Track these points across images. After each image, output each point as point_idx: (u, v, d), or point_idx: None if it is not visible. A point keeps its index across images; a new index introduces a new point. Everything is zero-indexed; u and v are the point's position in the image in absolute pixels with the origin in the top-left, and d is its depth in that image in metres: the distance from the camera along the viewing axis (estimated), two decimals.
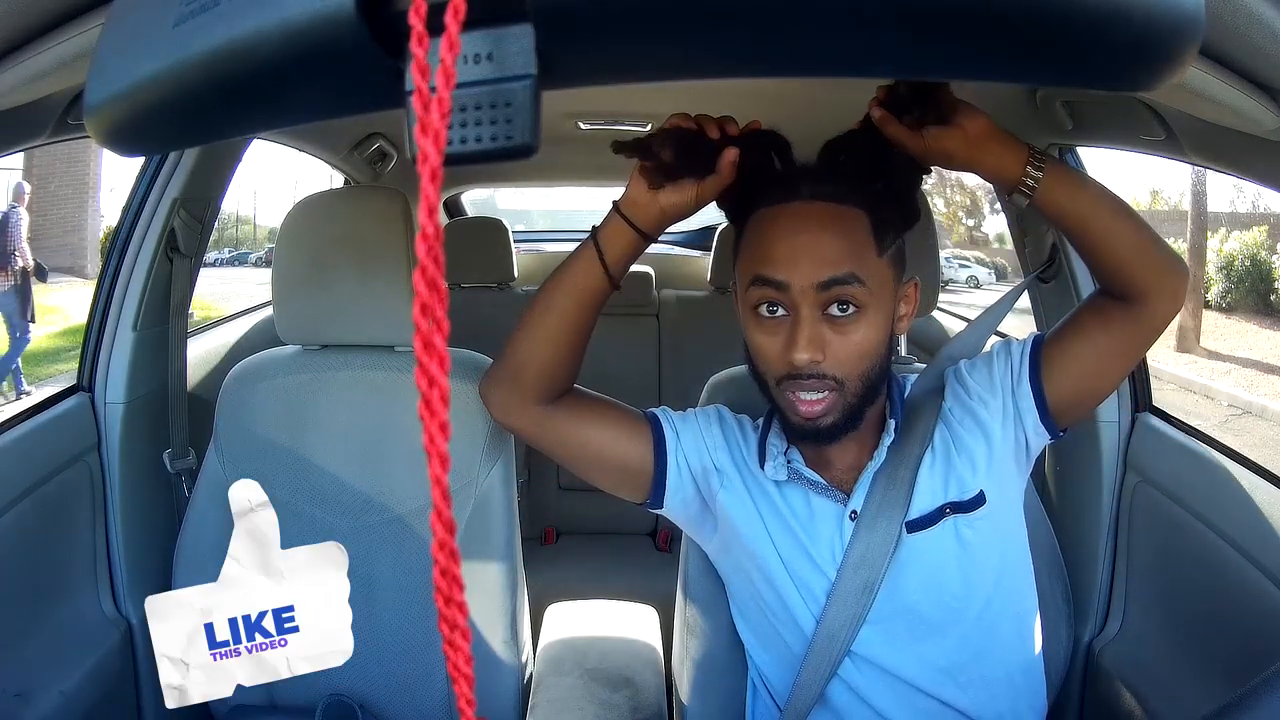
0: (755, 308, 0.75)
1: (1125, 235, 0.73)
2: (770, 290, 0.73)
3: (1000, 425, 0.80)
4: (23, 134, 0.78)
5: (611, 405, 0.87)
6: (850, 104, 0.75)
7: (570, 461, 0.87)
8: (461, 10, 0.23)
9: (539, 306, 0.82)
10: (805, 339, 0.72)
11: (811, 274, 0.72)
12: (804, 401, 0.74)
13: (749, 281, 0.75)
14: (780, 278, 0.72)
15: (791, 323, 0.73)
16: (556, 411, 0.84)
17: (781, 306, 0.74)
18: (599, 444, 0.85)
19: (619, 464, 0.85)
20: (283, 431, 1.02)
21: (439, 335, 0.23)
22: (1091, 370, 0.79)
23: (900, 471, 0.79)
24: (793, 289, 0.72)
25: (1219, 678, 0.90)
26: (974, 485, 0.79)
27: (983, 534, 0.79)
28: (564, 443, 0.85)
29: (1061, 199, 0.73)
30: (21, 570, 0.97)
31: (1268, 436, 5.22)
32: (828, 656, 0.79)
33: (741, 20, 0.27)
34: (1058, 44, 0.28)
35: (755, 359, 0.77)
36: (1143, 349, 0.80)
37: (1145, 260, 0.74)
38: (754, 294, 0.74)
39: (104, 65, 0.34)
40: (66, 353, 5.54)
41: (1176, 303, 0.76)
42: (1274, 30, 0.54)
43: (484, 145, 0.27)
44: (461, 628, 0.25)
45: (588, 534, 1.96)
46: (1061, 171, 0.73)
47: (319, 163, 1.78)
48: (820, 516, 0.81)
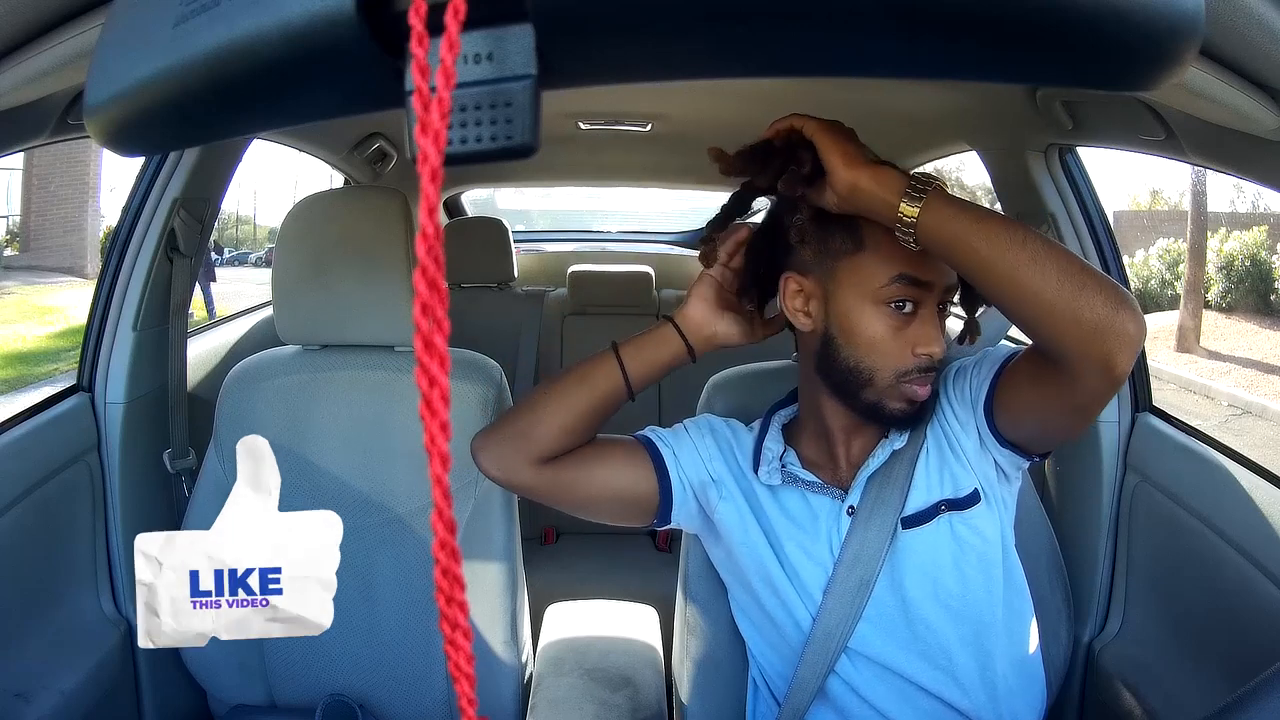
0: (888, 302, 0.75)
1: (1035, 287, 0.63)
2: (914, 289, 0.75)
3: (975, 442, 0.79)
4: (23, 134, 0.78)
5: (606, 443, 0.86)
6: (851, 104, 0.75)
7: (577, 509, 0.86)
8: (461, 10, 0.23)
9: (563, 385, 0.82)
10: (939, 334, 0.76)
11: (947, 275, 0.76)
12: (921, 390, 0.76)
13: (890, 278, 0.74)
14: (929, 279, 0.75)
15: (923, 319, 0.76)
16: (558, 468, 0.82)
17: (911, 303, 0.75)
18: (603, 487, 0.84)
19: (625, 499, 0.85)
20: (283, 431, 1.02)
21: (439, 335, 0.23)
22: (1031, 420, 0.75)
23: (897, 468, 0.79)
24: (935, 288, 0.75)
25: (1219, 678, 0.90)
26: (968, 483, 0.79)
27: (978, 531, 0.79)
28: (571, 496, 0.84)
29: (944, 238, 0.66)
30: (21, 570, 0.97)
31: (1268, 436, 5.21)
32: (825, 652, 0.79)
33: (741, 20, 0.27)
34: (1057, 44, 0.28)
35: (870, 353, 0.76)
36: (1080, 414, 0.72)
37: (1064, 322, 0.63)
38: (894, 289, 0.75)
39: (104, 65, 0.34)
40: (66, 353, 5.54)
41: (1109, 377, 0.64)
42: (1274, 30, 0.54)
43: (484, 145, 0.27)
44: (463, 627, 0.25)
45: (588, 534, 1.96)
46: (944, 208, 0.66)
47: (319, 163, 1.78)
48: (818, 514, 0.81)
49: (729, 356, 0.96)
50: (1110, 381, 0.65)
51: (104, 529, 1.09)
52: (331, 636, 1.01)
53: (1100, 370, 0.64)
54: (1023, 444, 0.78)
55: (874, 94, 1.24)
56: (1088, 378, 0.65)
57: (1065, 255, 0.64)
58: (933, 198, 0.66)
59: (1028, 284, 0.64)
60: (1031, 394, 0.73)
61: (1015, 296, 0.65)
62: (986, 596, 0.79)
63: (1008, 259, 0.64)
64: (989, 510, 0.79)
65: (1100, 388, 0.66)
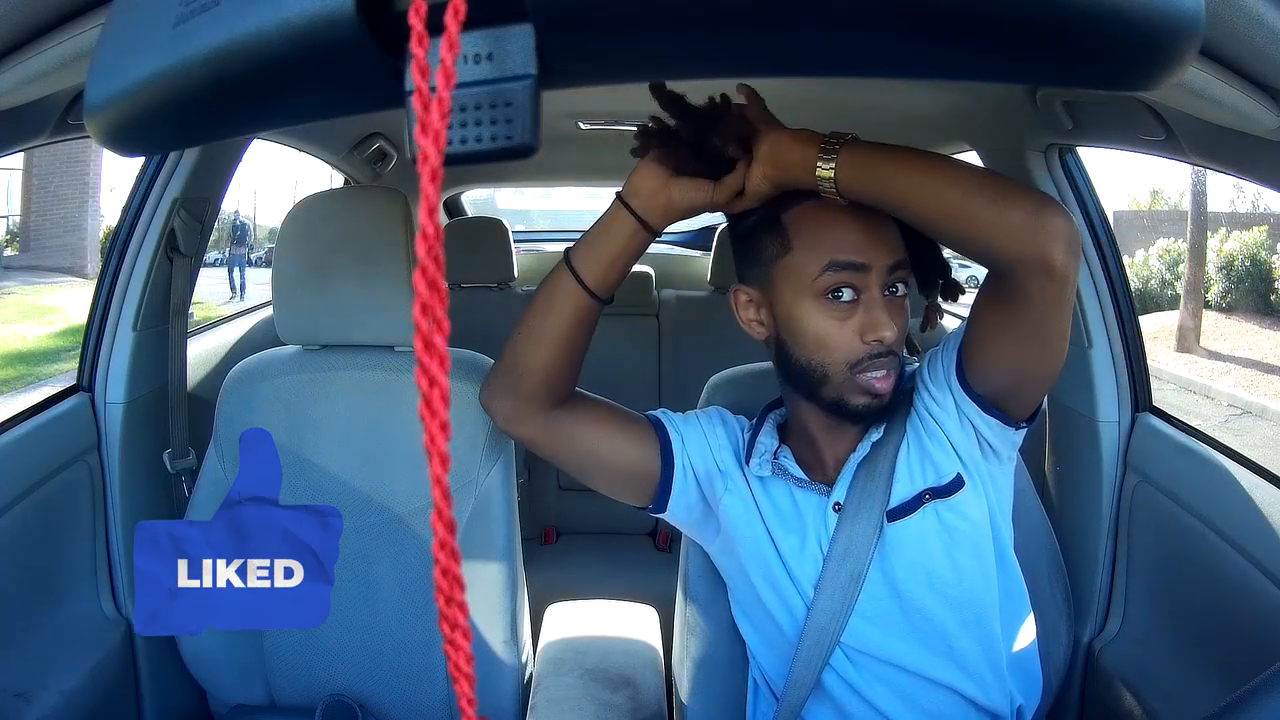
0: (825, 294, 0.75)
1: (958, 203, 0.66)
2: (848, 274, 0.74)
3: (955, 419, 0.78)
4: (23, 134, 0.79)
5: (616, 410, 0.86)
6: (851, 104, 0.75)
7: (576, 468, 0.87)
8: (461, 10, 0.23)
9: (532, 316, 0.81)
10: (887, 317, 0.74)
11: (887, 256, 0.74)
12: (879, 380, 0.75)
13: (820, 268, 0.74)
14: (862, 260, 0.74)
15: (867, 305, 0.75)
16: (562, 417, 0.83)
17: (851, 290, 0.75)
18: (606, 450, 0.84)
19: (625, 470, 0.85)
20: (282, 431, 1.02)
21: (439, 335, 0.23)
22: (1005, 355, 0.74)
23: (879, 462, 0.79)
24: (872, 270, 0.74)
25: (1219, 678, 0.90)
26: (950, 469, 0.78)
27: (966, 516, 0.78)
28: (571, 449, 0.85)
29: (864, 183, 0.68)
30: (21, 570, 0.97)
31: (1268, 436, 5.21)
32: (819, 648, 0.79)
33: (741, 20, 0.27)
34: (1058, 44, 0.28)
35: (818, 350, 0.76)
36: (1042, 324, 0.70)
37: (993, 228, 0.65)
38: (827, 279, 0.74)
39: (104, 65, 0.34)
40: (66, 353, 5.54)
41: (1051, 274, 0.65)
42: (1274, 30, 0.54)
43: (484, 145, 0.27)
44: (463, 627, 0.25)
45: (588, 534, 1.96)
46: (857, 156, 0.68)
47: (319, 163, 1.78)
48: (805, 511, 0.82)
49: (728, 357, 0.96)
50: (1055, 280, 0.65)
51: (104, 529, 1.09)
52: (331, 636, 1.02)
53: (1041, 269, 0.65)
54: (1001, 401, 0.76)
55: (874, 94, 1.24)
56: (1031, 281, 0.66)
57: (982, 172, 0.68)
58: (846, 149, 0.68)
59: (952, 202, 0.66)
60: (991, 329, 0.73)
61: (943, 216, 0.67)
62: (983, 580, 0.79)
63: (928, 185, 0.67)
64: (974, 493, 0.79)
65: (1048, 291, 0.66)
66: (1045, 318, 0.69)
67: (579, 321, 0.80)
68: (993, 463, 0.79)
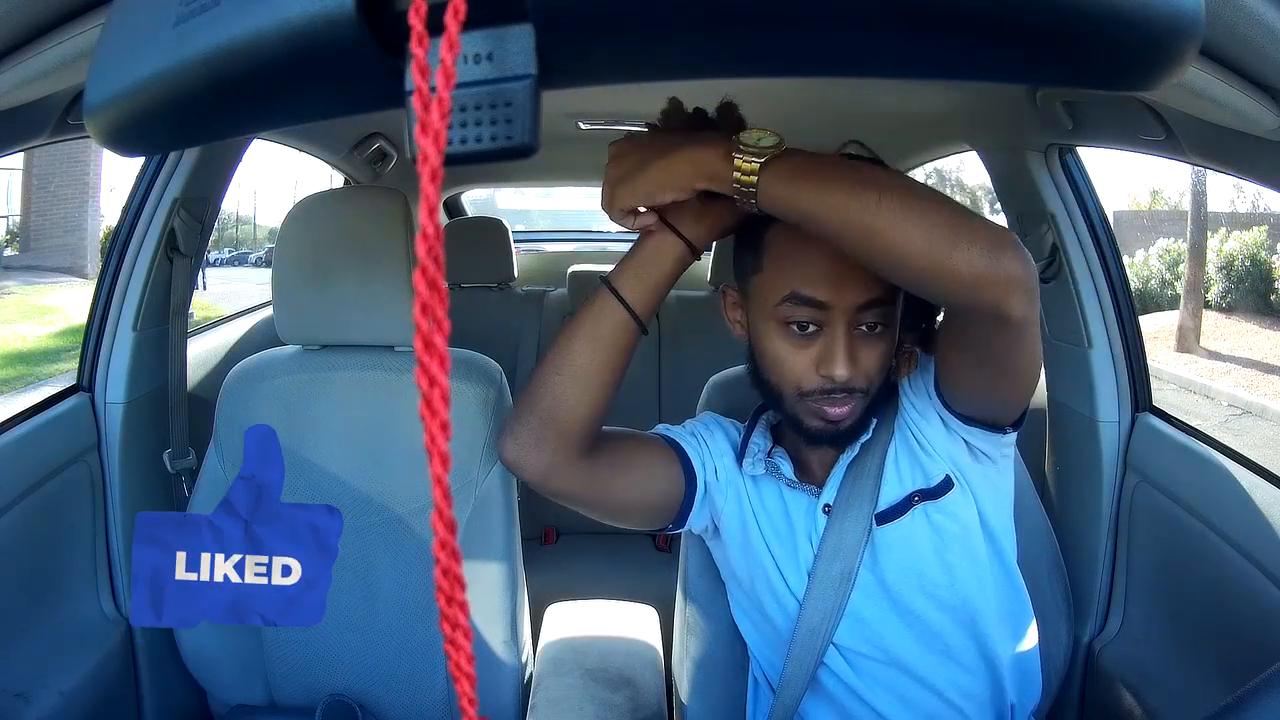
0: (784, 322, 0.72)
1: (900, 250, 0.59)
2: (807, 310, 0.71)
3: (941, 429, 0.78)
4: (23, 134, 0.78)
5: (639, 441, 0.82)
6: (851, 104, 0.75)
7: (609, 513, 0.81)
8: (461, 10, 0.23)
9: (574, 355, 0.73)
10: (846, 357, 0.71)
11: (855, 296, 0.70)
12: (831, 408, 0.74)
13: (781, 297, 0.71)
14: (823, 298, 0.70)
15: (828, 339, 0.71)
16: (599, 463, 0.76)
17: (813, 324, 0.72)
18: (642, 489, 0.81)
19: (656, 502, 0.82)
20: (283, 431, 1.02)
21: (439, 335, 0.23)
22: (975, 385, 0.72)
23: (868, 464, 0.79)
24: (834, 309, 0.70)
25: (1219, 678, 0.90)
26: (938, 472, 0.78)
27: (956, 518, 0.78)
28: (609, 494, 0.79)
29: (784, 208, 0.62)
30: (21, 570, 0.97)
31: (1268, 436, 5.21)
32: (811, 646, 0.80)
33: (741, 20, 0.27)
34: (1058, 44, 0.28)
35: (773, 370, 0.75)
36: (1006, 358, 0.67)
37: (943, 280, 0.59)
38: (786, 310, 0.71)
39: (104, 65, 0.34)
40: (66, 353, 5.54)
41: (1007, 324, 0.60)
42: (1274, 30, 0.54)
43: (484, 145, 0.27)
44: (463, 627, 0.25)
45: (588, 534, 1.95)
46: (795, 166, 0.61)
47: (319, 163, 1.78)
48: (795, 512, 0.82)
49: (729, 357, 0.96)
50: (1011, 328, 0.61)
51: (104, 529, 1.09)
52: (331, 636, 1.02)
53: (994, 319, 0.60)
54: (980, 416, 0.74)
55: (874, 94, 1.24)
56: (986, 328, 0.63)
57: (932, 209, 0.59)
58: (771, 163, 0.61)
59: (893, 247, 0.58)
60: (955, 365, 0.72)
61: (884, 261, 0.61)
62: (976, 582, 0.79)
63: (862, 223, 0.58)
64: (963, 494, 0.78)
65: (1005, 337, 0.63)
66: (1007, 354, 0.66)
67: (626, 352, 0.73)
68: (985, 464, 0.79)
